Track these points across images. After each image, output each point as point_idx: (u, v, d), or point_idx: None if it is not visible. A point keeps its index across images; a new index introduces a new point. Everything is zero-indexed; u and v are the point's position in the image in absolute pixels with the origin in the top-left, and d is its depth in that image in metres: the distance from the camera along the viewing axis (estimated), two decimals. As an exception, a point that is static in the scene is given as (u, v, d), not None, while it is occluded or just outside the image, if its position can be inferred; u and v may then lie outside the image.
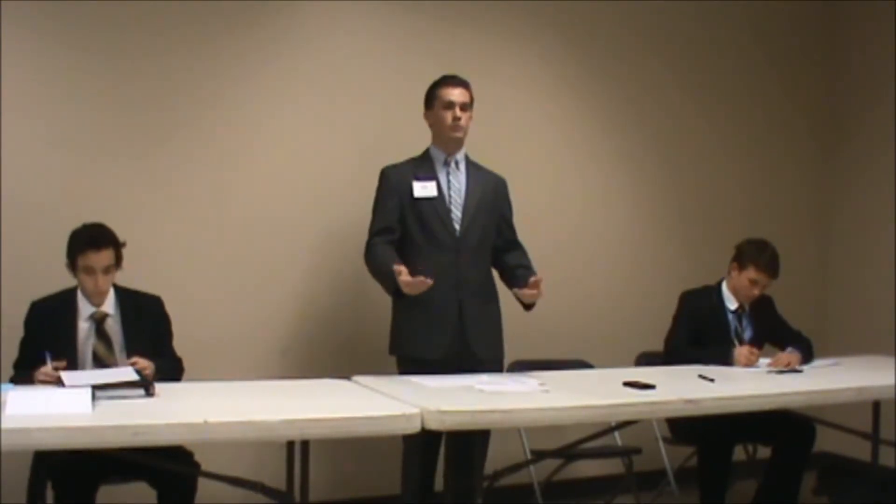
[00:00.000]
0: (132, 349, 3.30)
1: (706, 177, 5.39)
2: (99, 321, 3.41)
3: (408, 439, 3.78)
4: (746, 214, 5.33)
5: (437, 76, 4.04)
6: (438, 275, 3.72)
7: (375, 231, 3.93)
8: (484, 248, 4.01)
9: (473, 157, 4.16)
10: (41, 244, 3.97)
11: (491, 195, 4.04)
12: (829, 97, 5.70)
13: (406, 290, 3.68)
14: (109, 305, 3.44)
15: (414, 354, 3.86)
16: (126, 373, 3.09)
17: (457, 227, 3.92)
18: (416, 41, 4.65)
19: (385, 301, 3.94)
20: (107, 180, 4.12)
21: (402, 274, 3.65)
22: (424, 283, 3.64)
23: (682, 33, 5.30)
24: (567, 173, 5.07)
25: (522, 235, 4.81)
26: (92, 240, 3.35)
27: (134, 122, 4.16)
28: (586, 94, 5.10)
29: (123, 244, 3.43)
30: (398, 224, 3.91)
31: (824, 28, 5.70)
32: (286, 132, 4.44)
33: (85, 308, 3.41)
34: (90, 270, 3.35)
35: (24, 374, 3.21)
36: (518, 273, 3.99)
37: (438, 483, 4.02)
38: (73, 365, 3.26)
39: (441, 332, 3.84)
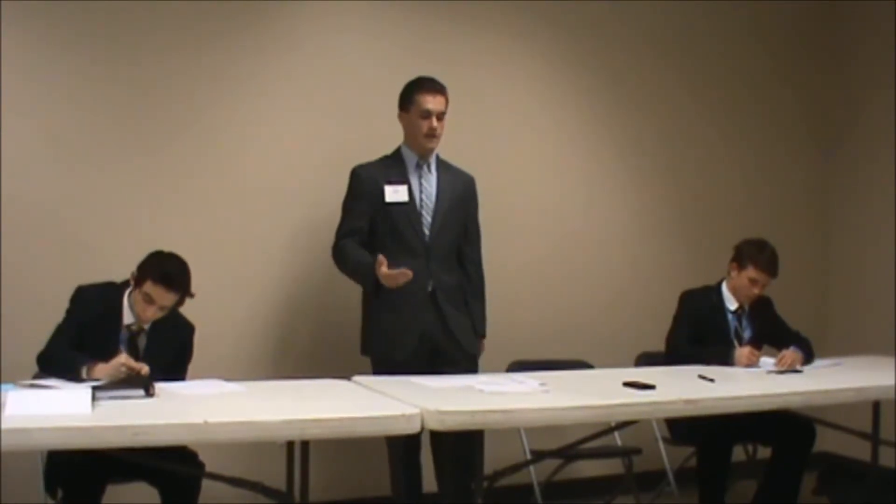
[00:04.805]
0: (149, 362, 3.29)
1: (706, 177, 5.38)
2: (134, 333, 3.43)
3: (389, 439, 3.80)
4: (746, 214, 5.33)
5: (435, 75, 4.04)
6: (410, 280, 3.75)
7: (344, 232, 3.94)
8: (454, 252, 4.04)
9: (473, 158, 4.16)
10: (41, 244, 3.98)
11: (460, 196, 4.06)
12: (829, 97, 5.69)
13: (386, 282, 3.70)
14: None
15: (387, 355, 3.88)
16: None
17: (427, 232, 3.93)
18: (415, 41, 4.64)
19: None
20: (106, 181, 4.12)
21: (383, 265, 3.67)
22: (405, 274, 3.67)
23: (682, 32, 5.30)
24: (567, 173, 5.06)
25: (522, 235, 4.85)
26: (168, 279, 3.34)
27: (132, 123, 4.16)
28: (587, 94, 5.10)
29: (192, 295, 3.43)
30: (367, 228, 3.93)
31: (824, 28, 5.69)
32: (287, 132, 4.43)
33: (127, 314, 3.43)
34: (150, 300, 3.35)
35: (74, 358, 3.22)
36: (470, 305, 4.05)
37: (431, 484, 4.05)
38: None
39: (413, 334, 3.87)
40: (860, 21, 5.57)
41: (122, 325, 3.42)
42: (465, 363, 3.93)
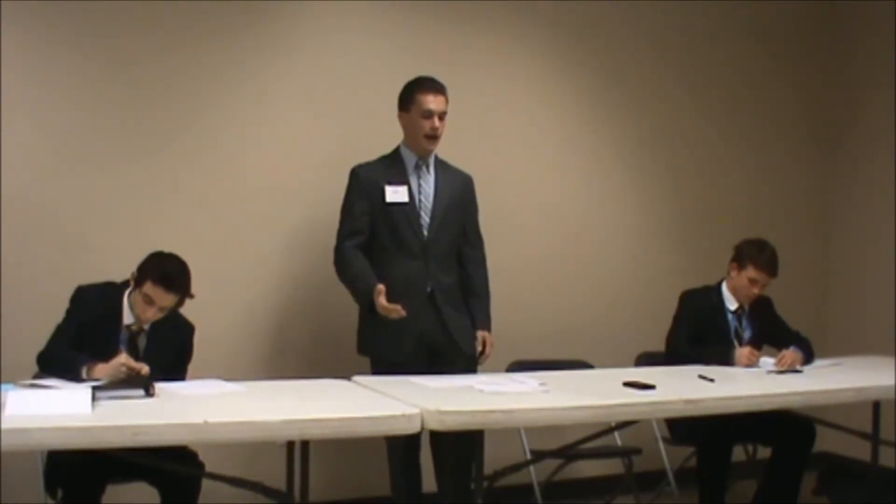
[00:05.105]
0: (149, 362, 3.29)
1: (706, 177, 5.39)
2: (134, 333, 3.43)
3: (389, 439, 3.79)
4: (746, 214, 5.33)
5: (435, 75, 4.04)
6: (408, 280, 3.78)
7: (345, 234, 3.94)
8: (452, 252, 4.04)
9: (473, 158, 4.15)
10: (41, 244, 3.98)
11: (459, 196, 4.05)
12: (829, 97, 5.69)
13: (381, 311, 3.72)
14: None
15: (385, 356, 3.88)
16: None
17: (426, 232, 3.93)
18: (415, 41, 4.64)
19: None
20: (106, 180, 4.12)
21: (382, 295, 3.69)
22: (399, 312, 3.69)
23: (682, 32, 5.30)
24: (567, 173, 5.06)
25: (522, 236, 4.83)
26: (168, 280, 3.34)
27: (133, 123, 4.16)
28: (588, 93, 5.10)
29: (192, 296, 3.43)
30: (368, 228, 3.92)
31: (824, 28, 5.69)
32: (287, 132, 4.43)
33: (127, 315, 3.43)
34: (150, 301, 3.35)
35: (75, 358, 3.22)
36: (471, 304, 4.06)
37: (431, 484, 4.05)
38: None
39: (411, 335, 3.86)
40: (860, 21, 5.57)
41: (122, 326, 3.42)
42: (464, 364, 3.92)
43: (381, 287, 3.71)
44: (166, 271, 3.36)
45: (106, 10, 4.09)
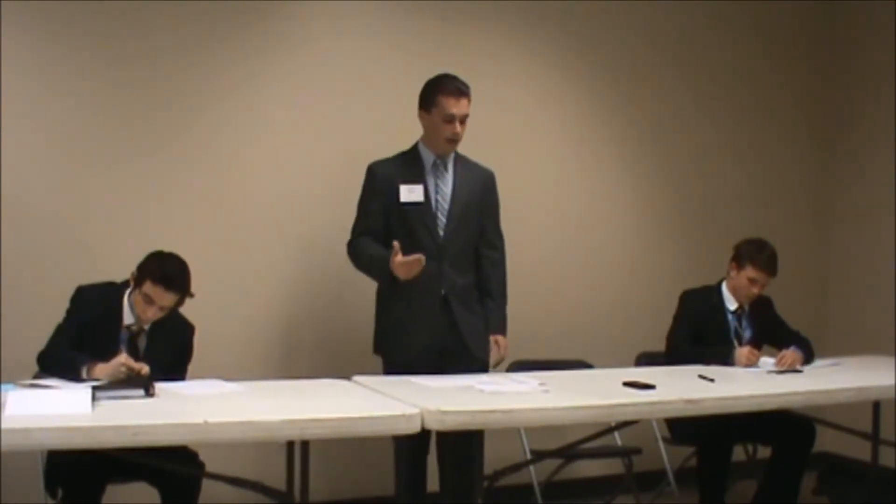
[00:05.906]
0: (149, 362, 3.29)
1: (706, 176, 5.39)
2: (134, 333, 3.44)
3: (398, 440, 3.78)
4: (746, 214, 5.33)
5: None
6: (422, 282, 3.72)
7: (360, 232, 3.90)
8: (469, 252, 3.97)
9: (474, 157, 4.14)
10: (41, 244, 3.99)
11: (478, 194, 3.97)
12: (829, 97, 5.70)
13: (400, 271, 3.66)
14: None
15: (398, 355, 3.85)
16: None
17: (441, 233, 3.87)
18: (416, 41, 4.64)
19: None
20: (106, 180, 4.12)
21: (397, 254, 3.63)
22: (419, 261, 3.63)
23: (682, 32, 5.30)
24: (568, 173, 5.06)
25: (523, 235, 4.82)
26: (167, 279, 3.34)
27: (133, 122, 4.16)
28: (588, 93, 5.10)
29: (192, 295, 3.43)
30: (383, 228, 3.87)
31: (825, 27, 5.69)
32: (289, 132, 4.43)
33: (127, 314, 3.43)
34: (149, 301, 3.35)
35: (75, 358, 3.23)
36: (485, 306, 3.99)
37: (432, 484, 4.04)
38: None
39: (425, 334, 3.82)
40: (860, 21, 5.57)
41: (122, 325, 3.42)
42: (473, 367, 3.85)
43: (396, 246, 3.65)
44: (166, 271, 3.36)
45: (106, 11, 4.09)
